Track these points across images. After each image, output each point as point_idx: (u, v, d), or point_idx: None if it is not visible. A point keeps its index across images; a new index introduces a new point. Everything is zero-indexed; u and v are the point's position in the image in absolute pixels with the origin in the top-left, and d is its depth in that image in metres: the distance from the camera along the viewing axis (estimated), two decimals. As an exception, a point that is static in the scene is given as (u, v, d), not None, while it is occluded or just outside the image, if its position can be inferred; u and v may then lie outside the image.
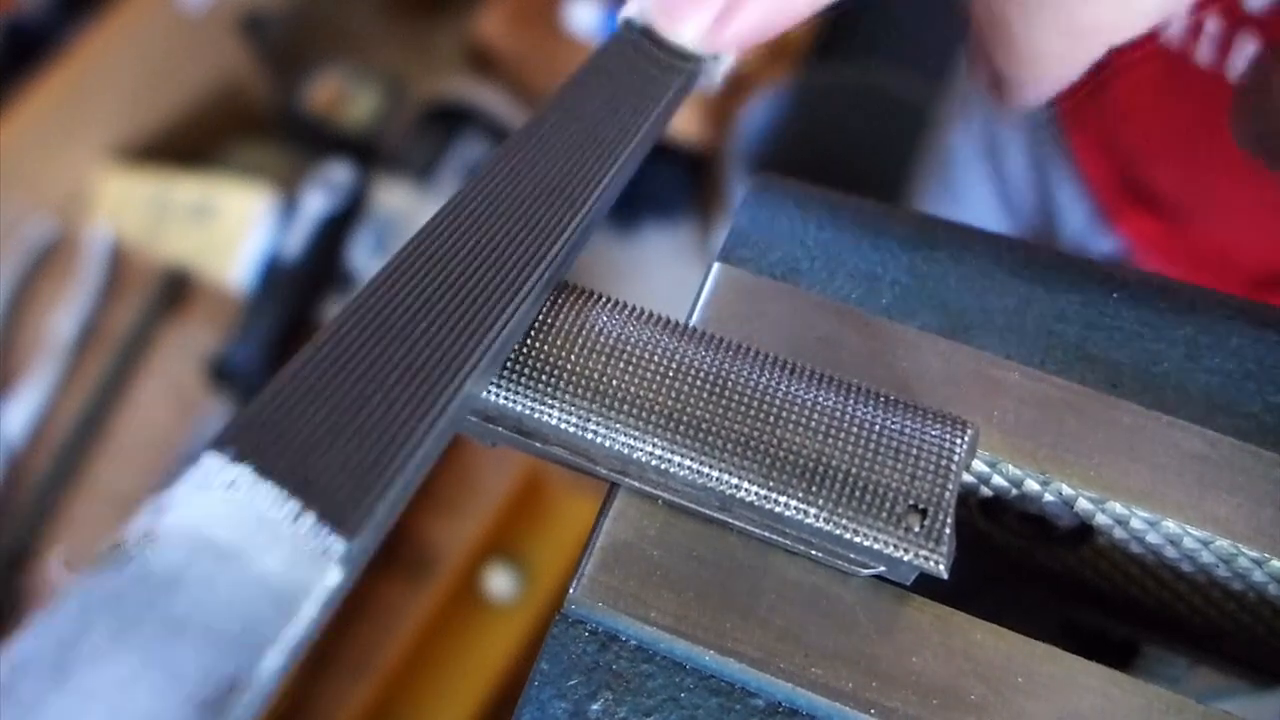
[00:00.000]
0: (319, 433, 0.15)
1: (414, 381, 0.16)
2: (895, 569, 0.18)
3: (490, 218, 0.19)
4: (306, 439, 0.14)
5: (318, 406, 0.15)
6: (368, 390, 0.16)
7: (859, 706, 0.18)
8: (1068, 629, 0.26)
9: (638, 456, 0.19)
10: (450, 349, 0.17)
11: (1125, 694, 0.18)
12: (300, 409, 0.15)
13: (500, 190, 0.20)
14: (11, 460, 0.93)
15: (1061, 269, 0.23)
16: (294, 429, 0.15)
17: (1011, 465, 0.21)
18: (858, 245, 0.24)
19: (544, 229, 0.20)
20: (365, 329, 0.17)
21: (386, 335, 0.17)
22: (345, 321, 0.17)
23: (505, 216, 0.20)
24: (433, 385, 0.16)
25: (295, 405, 0.15)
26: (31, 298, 1.02)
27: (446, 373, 0.16)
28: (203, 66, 1.22)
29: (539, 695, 0.19)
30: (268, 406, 0.15)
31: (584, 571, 0.19)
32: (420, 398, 0.16)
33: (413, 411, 0.16)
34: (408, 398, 0.16)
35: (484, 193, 0.20)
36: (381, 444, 0.15)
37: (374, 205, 1.13)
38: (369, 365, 0.16)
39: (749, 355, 0.19)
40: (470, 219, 0.19)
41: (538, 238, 0.19)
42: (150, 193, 1.11)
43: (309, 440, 0.14)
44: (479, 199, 0.20)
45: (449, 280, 0.18)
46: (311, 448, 0.14)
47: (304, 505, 0.14)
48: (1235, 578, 0.21)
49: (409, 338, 0.17)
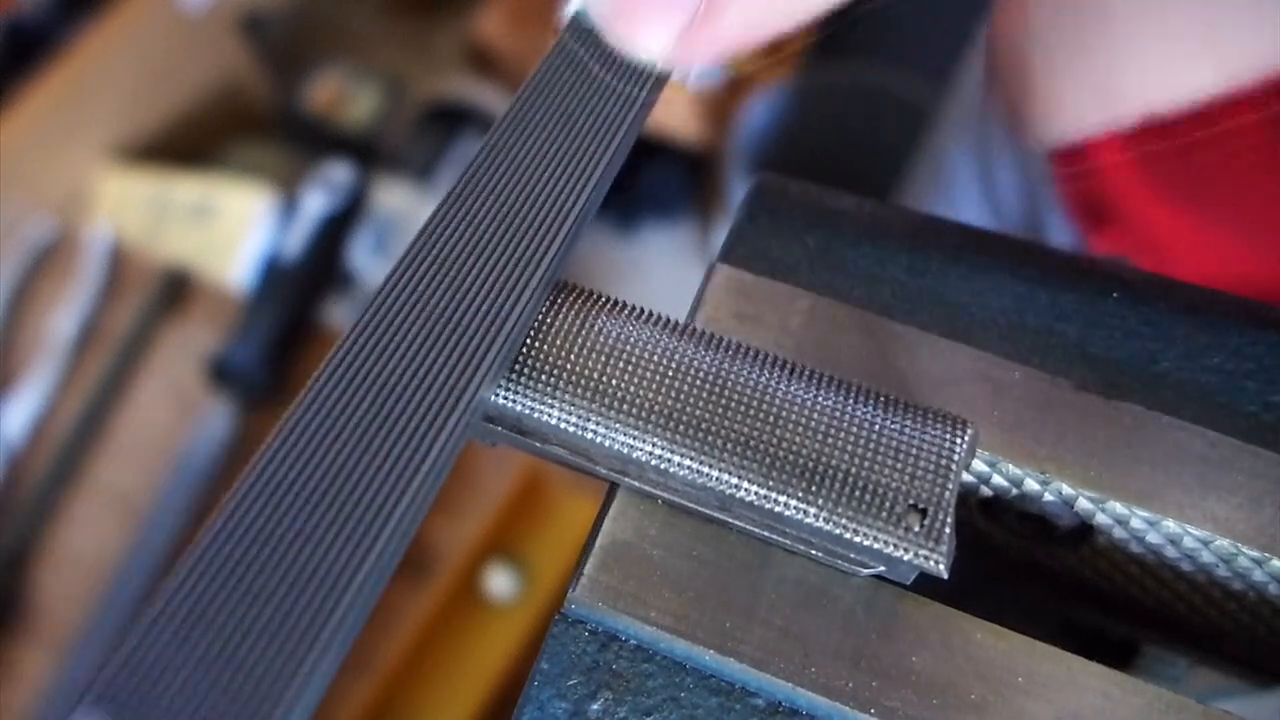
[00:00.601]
0: (198, 674, 0.14)
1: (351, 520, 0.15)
2: (895, 569, 0.18)
3: (466, 257, 0.19)
4: (183, 685, 0.14)
5: (200, 632, 0.14)
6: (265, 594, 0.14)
7: (859, 706, 0.18)
8: (1068, 629, 0.26)
9: (637, 456, 0.19)
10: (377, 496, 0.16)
11: (1125, 694, 0.18)
12: (185, 632, 0.14)
13: (474, 223, 0.20)
14: (11, 460, 0.93)
15: (1061, 269, 0.23)
16: (172, 669, 0.14)
17: (1011, 465, 0.21)
18: (858, 245, 0.24)
19: (509, 281, 0.19)
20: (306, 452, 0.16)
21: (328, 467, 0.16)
22: (273, 464, 0.16)
23: (482, 255, 0.19)
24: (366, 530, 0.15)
25: (177, 632, 0.14)
26: (31, 298, 1.02)
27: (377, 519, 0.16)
28: (203, 66, 1.22)
29: (539, 695, 0.19)
30: (146, 639, 0.14)
31: (584, 571, 0.19)
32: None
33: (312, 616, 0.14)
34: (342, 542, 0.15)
35: (458, 226, 0.20)
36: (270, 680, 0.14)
37: (374, 205, 1.13)
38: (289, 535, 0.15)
39: (749, 355, 0.19)
40: (446, 259, 0.19)
41: (499, 298, 0.19)
42: (150, 192, 1.10)
43: (185, 688, 0.14)
44: (454, 236, 0.19)
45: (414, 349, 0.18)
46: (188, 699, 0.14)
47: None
48: (1235, 577, 0.21)
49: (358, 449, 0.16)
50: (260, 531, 0.15)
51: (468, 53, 1.48)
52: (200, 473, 0.91)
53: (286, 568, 0.15)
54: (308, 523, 0.15)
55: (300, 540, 0.15)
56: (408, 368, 0.18)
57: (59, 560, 0.90)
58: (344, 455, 0.16)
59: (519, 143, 0.21)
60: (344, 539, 0.15)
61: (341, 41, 1.45)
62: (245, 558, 0.15)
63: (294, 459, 0.16)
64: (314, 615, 0.14)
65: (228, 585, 0.15)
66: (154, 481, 0.92)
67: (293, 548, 0.15)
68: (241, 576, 0.15)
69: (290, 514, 0.15)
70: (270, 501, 0.16)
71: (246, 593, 0.15)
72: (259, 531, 0.15)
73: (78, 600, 0.88)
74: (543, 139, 0.21)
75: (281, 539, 0.15)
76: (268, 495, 0.16)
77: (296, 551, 0.15)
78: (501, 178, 0.20)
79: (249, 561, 0.15)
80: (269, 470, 0.16)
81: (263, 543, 0.15)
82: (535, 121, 0.21)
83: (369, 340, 0.18)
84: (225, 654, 0.14)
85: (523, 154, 0.21)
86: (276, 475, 0.16)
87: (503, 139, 0.21)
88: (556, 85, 0.22)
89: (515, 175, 0.20)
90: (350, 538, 0.15)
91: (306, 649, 0.14)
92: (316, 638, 0.14)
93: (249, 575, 0.15)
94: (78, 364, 0.98)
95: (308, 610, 0.14)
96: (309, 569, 0.15)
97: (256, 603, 0.14)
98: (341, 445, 0.16)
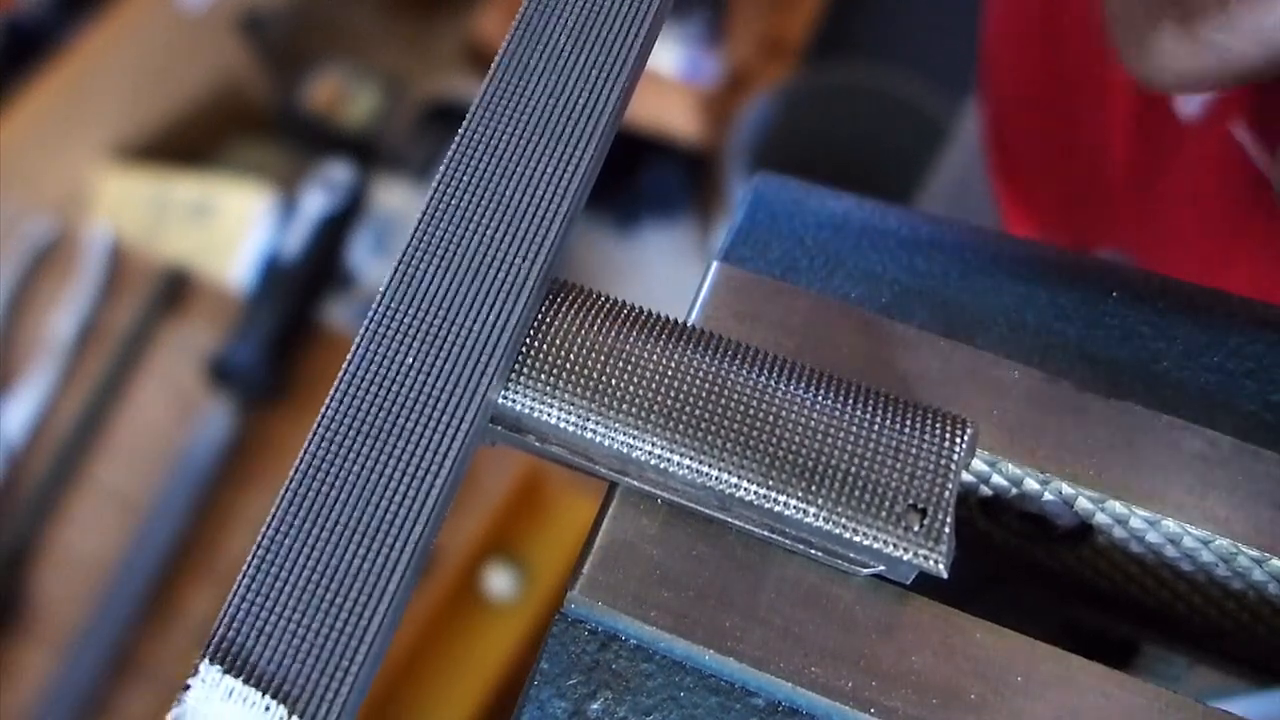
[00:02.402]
0: (293, 622, 0.17)
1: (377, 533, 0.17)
2: (895, 568, 0.18)
3: (450, 272, 0.19)
4: (283, 633, 0.17)
5: (292, 584, 0.17)
6: (335, 556, 0.17)
7: (859, 706, 0.18)
8: (1068, 629, 0.26)
9: (637, 456, 0.19)
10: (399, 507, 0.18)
11: (1125, 693, 0.18)
12: (278, 590, 0.17)
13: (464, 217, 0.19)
14: (11, 460, 0.93)
15: (1061, 269, 0.23)
16: (273, 622, 0.17)
17: (1011, 465, 0.21)
18: (857, 245, 0.24)
19: (500, 293, 0.19)
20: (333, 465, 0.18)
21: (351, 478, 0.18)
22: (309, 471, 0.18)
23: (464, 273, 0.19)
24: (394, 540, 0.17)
25: (273, 587, 0.17)
26: (31, 297, 1.02)
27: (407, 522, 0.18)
28: (202, 66, 1.22)
29: (539, 694, 0.19)
30: (249, 595, 0.17)
31: (583, 571, 0.19)
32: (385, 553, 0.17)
33: (379, 574, 0.17)
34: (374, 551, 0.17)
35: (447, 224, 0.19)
36: (350, 625, 0.17)
37: (374, 205, 1.13)
38: (333, 526, 0.17)
39: (748, 355, 0.19)
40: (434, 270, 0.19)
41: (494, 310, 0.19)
42: (150, 192, 1.11)
43: (285, 636, 0.17)
44: (442, 238, 0.19)
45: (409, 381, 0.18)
46: (287, 647, 0.17)
47: (287, 711, 0.16)
48: (1235, 577, 0.21)
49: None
50: (300, 550, 0.17)
51: (468, 53, 1.48)
52: (200, 472, 0.91)
53: (328, 581, 0.17)
54: (341, 540, 0.17)
55: (337, 554, 0.17)
56: (416, 376, 0.18)
57: (59, 560, 0.90)
58: (367, 470, 0.18)
59: (509, 103, 0.20)
60: (373, 553, 0.17)
61: (341, 41, 1.45)
62: (290, 580, 0.17)
63: (322, 480, 0.18)
64: (359, 620, 0.17)
65: (285, 591, 0.17)
66: (154, 481, 0.92)
67: (332, 561, 0.17)
68: (289, 597, 0.17)
69: (325, 531, 0.17)
70: (310, 513, 0.18)
71: (295, 612, 0.17)
72: (301, 547, 0.17)
73: (77, 600, 0.88)
74: (534, 97, 0.20)
75: (320, 556, 0.17)
76: (306, 510, 0.18)
77: (335, 564, 0.17)
78: (489, 156, 0.20)
79: (294, 581, 0.17)
80: (303, 491, 0.18)
81: (305, 559, 0.17)
82: (520, 84, 0.20)
83: (375, 352, 0.18)
84: (315, 600, 0.17)
85: (514, 116, 0.20)
86: (310, 494, 0.18)
87: (494, 98, 0.20)
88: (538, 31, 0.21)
89: (504, 152, 0.20)
90: (378, 552, 0.17)
91: (356, 646, 0.17)
92: (363, 637, 0.17)
93: (294, 596, 0.17)
94: (77, 364, 0.98)
95: (350, 620, 0.17)
96: (346, 583, 0.17)
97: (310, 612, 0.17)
98: (364, 460, 0.18)
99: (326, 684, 0.16)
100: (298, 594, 0.17)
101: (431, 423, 0.18)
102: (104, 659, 0.86)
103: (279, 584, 0.17)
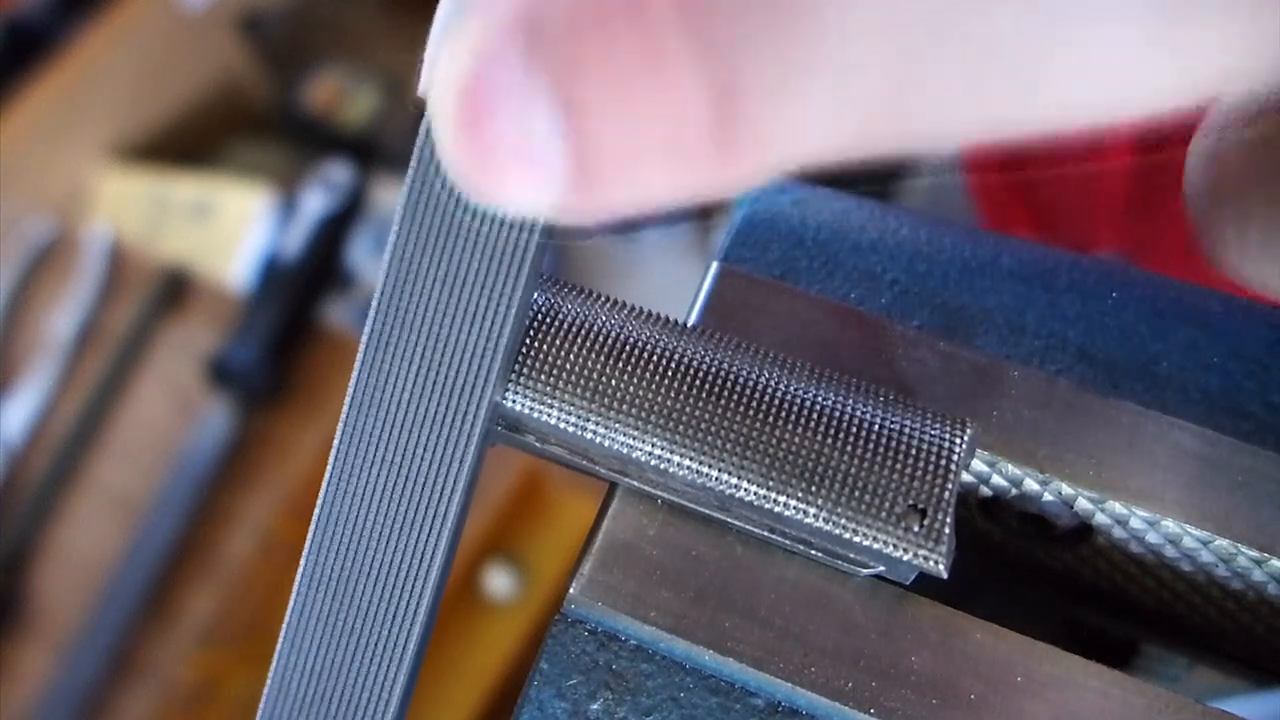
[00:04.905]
0: None
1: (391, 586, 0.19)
2: (895, 568, 0.18)
3: None
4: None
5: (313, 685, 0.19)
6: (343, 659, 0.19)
7: (859, 706, 0.18)
8: (1068, 629, 0.26)
9: (637, 456, 0.19)
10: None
11: (1125, 694, 0.18)
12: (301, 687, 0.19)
13: None
14: (11, 460, 0.93)
15: (1061, 269, 0.23)
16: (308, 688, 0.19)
17: (1011, 465, 0.21)
18: (857, 245, 0.24)
19: None
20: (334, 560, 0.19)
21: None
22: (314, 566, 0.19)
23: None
24: None
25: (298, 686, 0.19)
26: (31, 297, 1.02)
27: None
28: (202, 66, 1.22)
29: (539, 695, 0.19)
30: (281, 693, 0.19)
31: (583, 571, 0.19)
32: None
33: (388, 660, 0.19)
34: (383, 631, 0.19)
35: None
36: None
37: (373, 205, 1.13)
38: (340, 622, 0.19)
39: (748, 354, 0.19)
40: None
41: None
42: (149, 192, 1.10)
43: None
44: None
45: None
46: None
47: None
48: (1235, 577, 0.21)
49: None
50: (337, 579, 0.19)
51: (467, 52, 1.47)
52: (200, 472, 0.91)
53: (364, 607, 0.19)
54: (373, 562, 0.19)
55: (369, 579, 0.19)
56: (420, 385, 0.18)
57: (59, 560, 0.90)
58: (388, 489, 0.19)
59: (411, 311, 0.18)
60: (403, 569, 0.19)
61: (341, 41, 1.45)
62: (332, 605, 0.19)
63: (347, 505, 0.19)
64: (393, 641, 0.19)
65: (324, 623, 0.19)
66: (153, 481, 0.92)
67: (365, 585, 0.19)
68: (332, 618, 0.19)
69: (357, 555, 0.19)
70: (340, 546, 0.19)
71: (339, 630, 0.19)
72: (336, 578, 0.19)
73: (77, 600, 0.88)
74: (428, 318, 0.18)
75: (355, 581, 0.19)
76: (336, 542, 0.19)
77: (369, 588, 0.19)
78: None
79: (335, 609, 0.19)
80: (330, 523, 0.19)
81: (341, 590, 0.19)
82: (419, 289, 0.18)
83: (379, 365, 0.18)
84: (337, 679, 0.19)
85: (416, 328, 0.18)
86: (336, 525, 0.19)
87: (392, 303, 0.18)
88: (428, 239, 0.17)
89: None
90: (408, 568, 0.19)
91: (395, 666, 0.19)
92: (401, 657, 0.19)
93: (338, 617, 0.19)
94: (77, 364, 0.98)
95: (387, 637, 0.19)
96: (381, 603, 0.19)
97: (348, 639, 0.19)
98: (383, 479, 0.18)
99: None
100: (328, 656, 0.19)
101: (441, 438, 0.18)
102: (104, 659, 0.86)
103: (310, 652, 0.19)
